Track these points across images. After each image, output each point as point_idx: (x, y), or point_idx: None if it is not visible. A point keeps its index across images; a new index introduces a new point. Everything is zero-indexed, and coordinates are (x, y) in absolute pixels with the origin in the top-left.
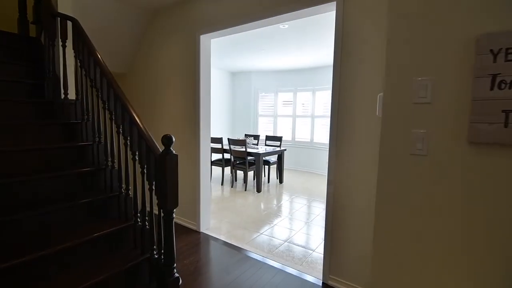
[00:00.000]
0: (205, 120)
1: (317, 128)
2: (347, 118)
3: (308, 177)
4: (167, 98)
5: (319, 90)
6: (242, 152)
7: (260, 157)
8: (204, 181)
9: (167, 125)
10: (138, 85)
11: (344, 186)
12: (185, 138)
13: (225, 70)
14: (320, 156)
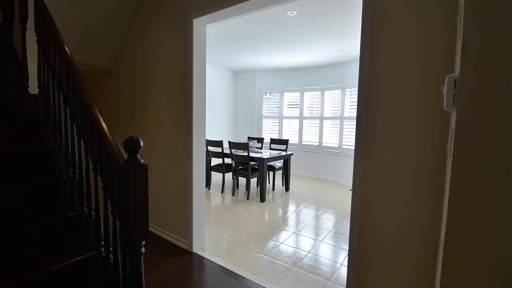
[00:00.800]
0: (199, 122)
1: (326, 130)
2: (378, 117)
3: (317, 184)
4: (157, 97)
5: (329, 90)
6: (244, 157)
7: (264, 163)
8: (198, 193)
9: (156, 127)
10: (126, 82)
11: (376, 202)
12: (176, 142)
13: (228, 68)
14: (329, 161)
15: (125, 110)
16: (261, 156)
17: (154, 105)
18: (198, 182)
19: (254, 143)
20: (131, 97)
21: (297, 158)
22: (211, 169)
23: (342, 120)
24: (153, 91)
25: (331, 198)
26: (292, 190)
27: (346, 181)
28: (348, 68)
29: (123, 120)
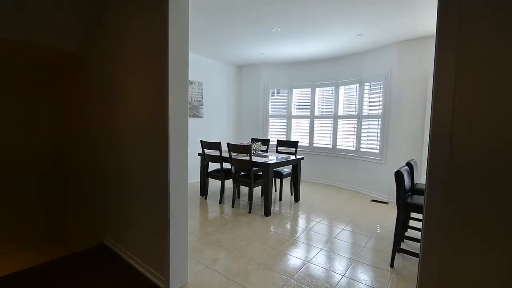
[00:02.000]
0: (178, 122)
1: (341, 131)
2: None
3: (331, 192)
4: (129, 91)
5: (344, 85)
6: (245, 162)
7: (269, 168)
8: (178, 210)
9: (127, 131)
10: (97, 72)
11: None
12: (149, 148)
13: (229, 62)
14: (344, 166)
15: (93, 108)
16: (266, 161)
17: (124, 102)
18: (178, 195)
19: (258, 145)
20: (99, 94)
21: (307, 163)
22: (208, 176)
23: (359, 119)
24: (121, 87)
25: (349, 210)
26: (303, 200)
27: (364, 189)
28: (367, 59)
29: (91, 120)
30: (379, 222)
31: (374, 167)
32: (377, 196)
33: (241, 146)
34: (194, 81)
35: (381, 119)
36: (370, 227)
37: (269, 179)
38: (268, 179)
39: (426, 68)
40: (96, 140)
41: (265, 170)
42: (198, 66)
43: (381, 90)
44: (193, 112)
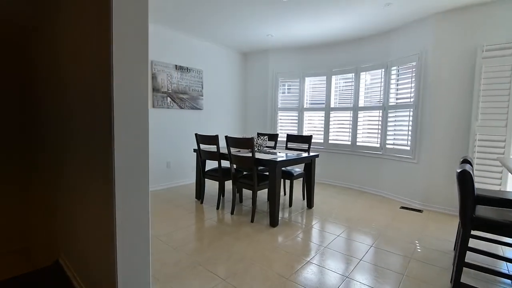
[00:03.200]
0: (131, 106)
1: (363, 125)
2: None
3: (350, 196)
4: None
5: (366, 70)
6: (247, 160)
7: (276, 168)
8: (131, 215)
9: (65, 110)
10: (49, 49)
11: None
12: (93, 141)
13: (234, 48)
14: (366, 165)
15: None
16: (273, 158)
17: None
18: (131, 209)
19: (263, 140)
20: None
21: (322, 162)
22: (204, 176)
23: (385, 110)
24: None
25: (376, 220)
26: (317, 207)
27: (392, 194)
28: (395, 37)
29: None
30: (417, 237)
31: (404, 168)
32: (408, 203)
33: (242, 140)
34: (192, 68)
35: (412, 109)
36: (406, 244)
37: (276, 180)
38: (275, 181)
39: (475, 44)
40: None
41: (272, 170)
42: (196, 51)
43: (413, 74)
44: (191, 104)
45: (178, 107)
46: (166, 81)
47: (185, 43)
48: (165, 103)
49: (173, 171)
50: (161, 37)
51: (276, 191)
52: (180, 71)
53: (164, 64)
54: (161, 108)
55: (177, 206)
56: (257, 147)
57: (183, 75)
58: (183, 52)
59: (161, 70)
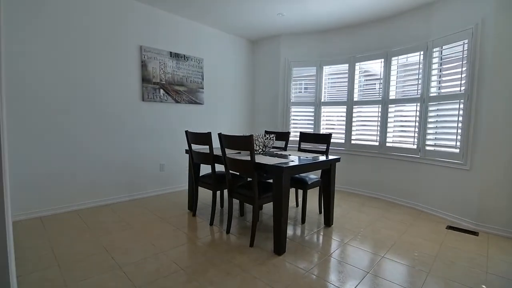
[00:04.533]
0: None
1: (394, 122)
2: None
3: (379, 210)
4: None
5: (399, 54)
6: (244, 164)
7: (283, 176)
8: None
9: None
10: None
11: None
12: None
13: (241, 35)
14: (400, 172)
15: None
16: (278, 163)
17: None
18: None
19: (269, 139)
20: None
21: (343, 166)
22: (196, 182)
23: (424, 102)
24: None
25: (419, 247)
26: (338, 223)
27: (434, 208)
28: (437, 10)
29: None
30: (483, 277)
31: (450, 175)
32: (457, 221)
33: (238, 139)
34: (190, 57)
35: (463, 100)
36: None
37: (282, 192)
38: (281, 193)
39: None
40: None
41: (277, 178)
42: (196, 37)
43: (464, 55)
44: (189, 97)
45: (174, 100)
46: (158, 70)
47: (182, 27)
48: (158, 96)
49: (167, 175)
50: (153, 19)
51: (283, 207)
52: (176, 59)
53: (156, 51)
54: (152, 101)
55: (162, 219)
56: (261, 148)
57: (179, 64)
58: (180, 37)
59: (153, 57)
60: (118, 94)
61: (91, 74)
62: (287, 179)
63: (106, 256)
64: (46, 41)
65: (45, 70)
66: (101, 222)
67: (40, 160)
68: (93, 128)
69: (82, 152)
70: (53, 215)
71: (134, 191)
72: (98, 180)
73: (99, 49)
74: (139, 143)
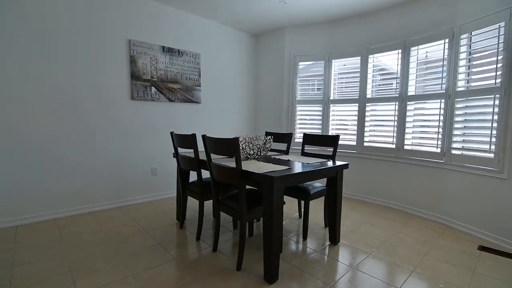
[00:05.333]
0: None
1: (413, 122)
2: None
3: (395, 222)
4: None
5: (419, 44)
6: (229, 172)
7: (274, 185)
8: None
9: None
10: None
11: None
12: None
13: (241, 28)
14: (420, 179)
15: None
16: (268, 171)
17: None
18: None
19: (265, 141)
20: None
21: (354, 170)
22: (184, 191)
23: (450, 99)
24: None
25: (445, 273)
26: (346, 239)
27: (461, 223)
28: None
29: None
30: None
31: (482, 184)
32: (491, 240)
33: (221, 142)
34: (185, 51)
35: (498, 95)
36: None
37: (273, 206)
38: (271, 207)
39: None
40: None
41: (267, 189)
42: (191, 30)
43: (500, 41)
44: (184, 96)
45: (167, 99)
46: (149, 67)
47: (176, 20)
48: (149, 94)
49: (160, 180)
50: (143, 10)
51: (274, 225)
52: (169, 54)
53: (146, 45)
54: (143, 100)
55: (145, 232)
56: (255, 152)
57: (173, 59)
58: (173, 30)
59: (143, 52)
60: (103, 93)
61: (72, 71)
62: (279, 191)
63: (66, 279)
64: (17, 35)
65: (16, 67)
66: (78, 234)
67: (17, 165)
68: (75, 129)
69: (64, 156)
70: (30, 224)
71: (122, 198)
72: (83, 185)
73: (81, 43)
74: (128, 146)
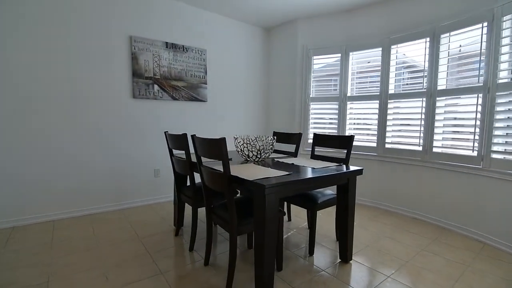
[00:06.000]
0: None
1: (443, 121)
2: None
3: (421, 237)
4: None
5: (451, 30)
6: (217, 177)
7: (266, 197)
8: None
9: None
10: None
11: None
12: None
13: (252, 22)
14: (452, 186)
15: None
16: (260, 178)
17: None
18: None
19: (265, 142)
20: None
21: (375, 175)
22: (179, 195)
23: (490, 94)
24: None
25: None
26: (361, 257)
27: (500, 240)
28: None
29: None
30: None
31: None
32: None
33: (209, 143)
34: (190, 47)
35: None
36: None
37: (265, 219)
38: (262, 220)
39: None
40: None
41: (259, 199)
42: (196, 24)
43: None
44: (189, 94)
45: (171, 97)
46: (152, 64)
47: (180, 14)
48: (151, 92)
49: (163, 182)
50: (144, 5)
51: (266, 242)
52: (173, 50)
53: (149, 41)
54: (145, 98)
55: (138, 238)
56: (255, 154)
57: (177, 55)
58: (178, 25)
59: (145, 48)
60: (104, 91)
61: (71, 68)
62: (273, 201)
63: None
64: (16, 32)
65: (16, 64)
66: (69, 238)
67: (16, 165)
68: (75, 130)
69: (63, 157)
70: (27, 225)
71: (123, 200)
72: (82, 187)
73: (80, 40)
74: (130, 146)
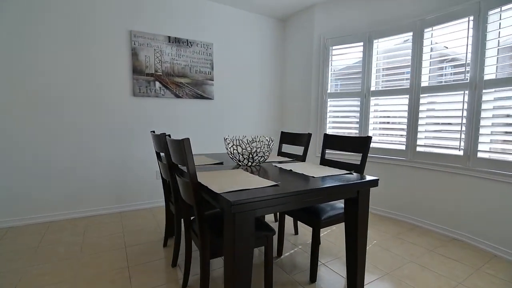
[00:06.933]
0: None
1: (490, 119)
2: None
3: (460, 263)
4: None
5: (497, 6)
6: (185, 187)
7: (236, 215)
8: None
9: None
10: None
11: None
12: None
13: (264, 12)
14: (504, 201)
15: None
16: (232, 192)
17: None
18: None
19: (264, 144)
20: None
21: (404, 183)
22: (168, 204)
23: None
24: None
25: None
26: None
27: None
28: None
29: None
30: None
31: None
32: None
33: (172, 144)
34: (195, 41)
35: None
36: None
37: (234, 245)
38: (232, 243)
39: None
40: None
41: (227, 217)
42: (203, 17)
43: None
44: (193, 91)
45: (173, 95)
46: (153, 59)
47: (184, 6)
48: (152, 89)
49: None
50: None
51: (236, 271)
52: (176, 45)
53: (150, 36)
54: (146, 96)
55: (121, 247)
56: (246, 158)
57: (180, 50)
58: (181, 18)
59: (146, 43)
60: (103, 89)
61: (67, 67)
62: (246, 221)
63: None
64: (16, 32)
65: (8, 63)
66: (56, 243)
67: (16, 165)
68: (74, 129)
69: (62, 157)
70: (22, 226)
71: (122, 202)
72: (82, 188)
73: (76, 36)
74: (130, 147)
